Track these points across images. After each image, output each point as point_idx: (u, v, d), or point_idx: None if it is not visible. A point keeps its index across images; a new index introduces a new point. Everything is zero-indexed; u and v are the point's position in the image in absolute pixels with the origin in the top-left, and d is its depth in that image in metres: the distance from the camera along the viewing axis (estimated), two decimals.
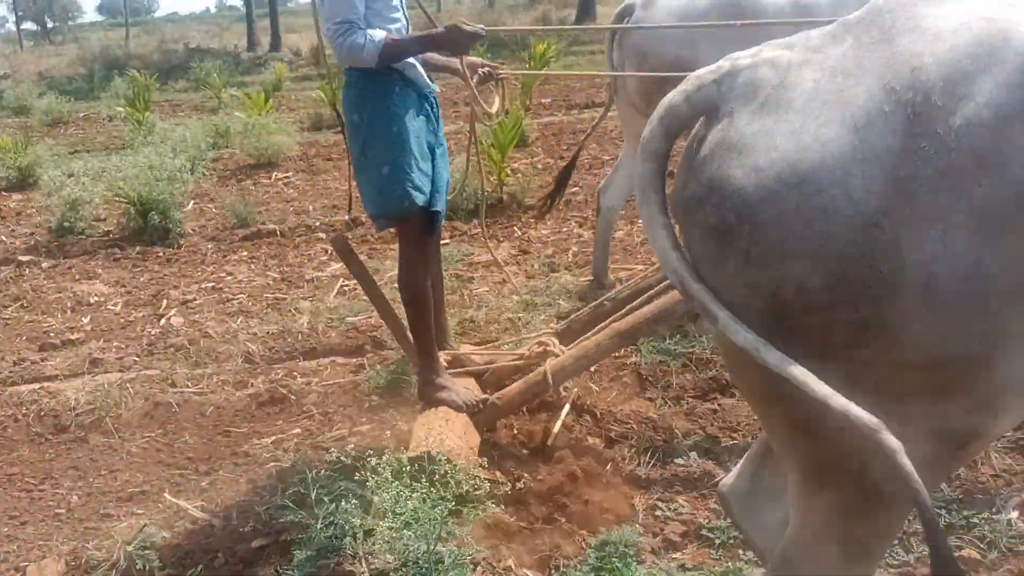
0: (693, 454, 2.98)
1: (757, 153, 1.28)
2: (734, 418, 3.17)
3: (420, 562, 2.30)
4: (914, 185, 1.17)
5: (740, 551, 2.46)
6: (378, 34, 2.73)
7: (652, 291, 3.03)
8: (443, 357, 3.19)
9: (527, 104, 6.64)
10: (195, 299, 4.97)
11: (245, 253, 5.83)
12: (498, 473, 2.84)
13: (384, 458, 2.55)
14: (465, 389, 3.07)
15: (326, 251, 5.69)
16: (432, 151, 2.96)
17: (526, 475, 2.86)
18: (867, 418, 1.19)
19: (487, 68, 3.23)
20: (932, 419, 1.29)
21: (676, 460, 2.95)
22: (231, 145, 9.34)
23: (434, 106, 3.01)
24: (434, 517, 2.35)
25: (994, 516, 2.48)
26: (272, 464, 3.13)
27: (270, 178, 8.08)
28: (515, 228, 5.85)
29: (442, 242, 5.62)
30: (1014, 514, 2.50)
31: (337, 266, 5.36)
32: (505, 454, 3.02)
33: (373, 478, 2.46)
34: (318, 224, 6.34)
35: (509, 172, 6.52)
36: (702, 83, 1.42)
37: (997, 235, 1.15)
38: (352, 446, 3.14)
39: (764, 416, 1.50)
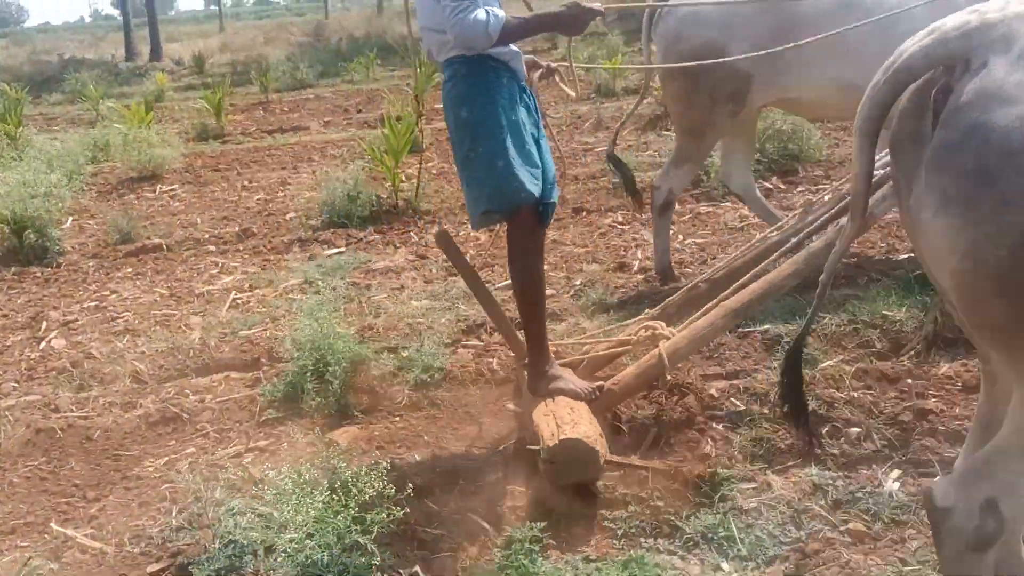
0: None
1: (1021, 102, 1.44)
2: (628, 410, 3.21)
3: (324, 573, 2.26)
4: None
5: (642, 539, 2.52)
6: (500, 11, 2.66)
7: (757, 268, 3.06)
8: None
9: (420, 109, 6.62)
10: (77, 320, 4.74)
11: (130, 270, 5.60)
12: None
13: (284, 469, 2.50)
14: (577, 378, 3.04)
15: (217, 264, 5.53)
16: (536, 142, 2.91)
17: None
18: None
19: (547, 65, 3.18)
20: None
21: None
22: (111, 158, 8.96)
23: (532, 97, 2.98)
24: (337, 526, 2.32)
25: (877, 490, 2.61)
26: (166, 486, 3.02)
27: (154, 191, 7.78)
28: (411, 233, 5.83)
29: (338, 250, 5.58)
30: (895, 486, 2.64)
31: (229, 279, 5.22)
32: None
33: (271, 491, 2.40)
34: (207, 237, 6.15)
35: (404, 178, 6.48)
36: (946, 37, 1.56)
37: None
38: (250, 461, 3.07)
39: (1011, 337, 1.60)
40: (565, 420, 2.71)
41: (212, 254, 5.76)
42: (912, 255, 4.20)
